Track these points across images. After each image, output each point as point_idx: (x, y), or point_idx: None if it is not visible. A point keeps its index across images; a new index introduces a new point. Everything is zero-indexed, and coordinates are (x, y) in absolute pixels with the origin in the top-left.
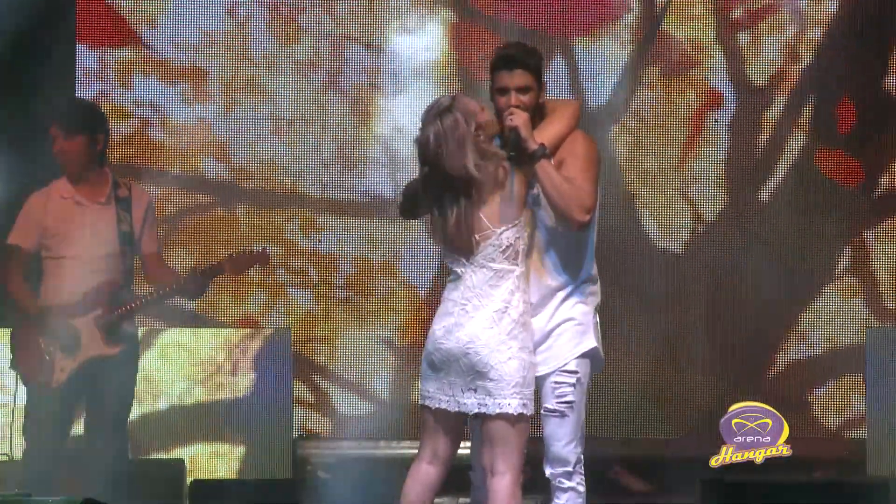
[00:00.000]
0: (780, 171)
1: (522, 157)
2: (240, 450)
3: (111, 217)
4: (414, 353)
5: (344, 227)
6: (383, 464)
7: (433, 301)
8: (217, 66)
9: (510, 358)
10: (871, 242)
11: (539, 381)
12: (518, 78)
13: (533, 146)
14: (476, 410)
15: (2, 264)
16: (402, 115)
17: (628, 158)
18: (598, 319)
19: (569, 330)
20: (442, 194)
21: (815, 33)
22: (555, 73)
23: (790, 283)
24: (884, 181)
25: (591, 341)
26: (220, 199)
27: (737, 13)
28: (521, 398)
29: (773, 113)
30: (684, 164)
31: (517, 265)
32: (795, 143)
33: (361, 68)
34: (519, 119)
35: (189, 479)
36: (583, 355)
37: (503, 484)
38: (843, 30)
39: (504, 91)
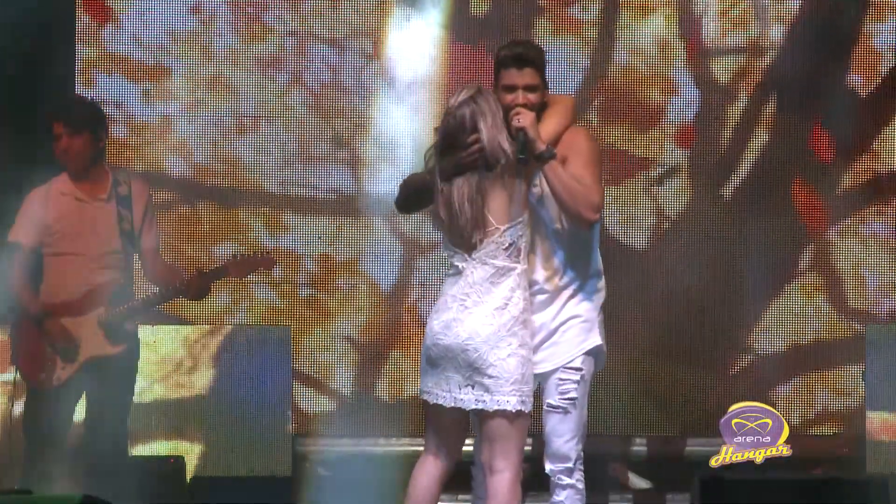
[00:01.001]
0: (744, 168)
1: (530, 157)
2: (239, 447)
3: (112, 215)
4: (377, 350)
5: (307, 224)
6: (382, 461)
7: (396, 298)
8: (181, 64)
9: (509, 355)
10: (834, 240)
11: (543, 378)
12: (528, 76)
13: (541, 147)
14: (474, 406)
15: (3, 261)
16: (364, 114)
17: None
18: (602, 317)
19: (574, 327)
20: (452, 186)
21: (779, 31)
22: None
23: (753, 281)
24: (846, 178)
25: (596, 338)
26: (183, 196)
27: (700, 10)
28: (519, 395)
29: (737, 110)
30: (648, 162)
31: (519, 263)
32: (759, 141)
33: (325, 66)
34: (526, 120)
35: (189, 477)
36: (587, 352)
37: (503, 481)
38: (806, 27)
39: (512, 89)
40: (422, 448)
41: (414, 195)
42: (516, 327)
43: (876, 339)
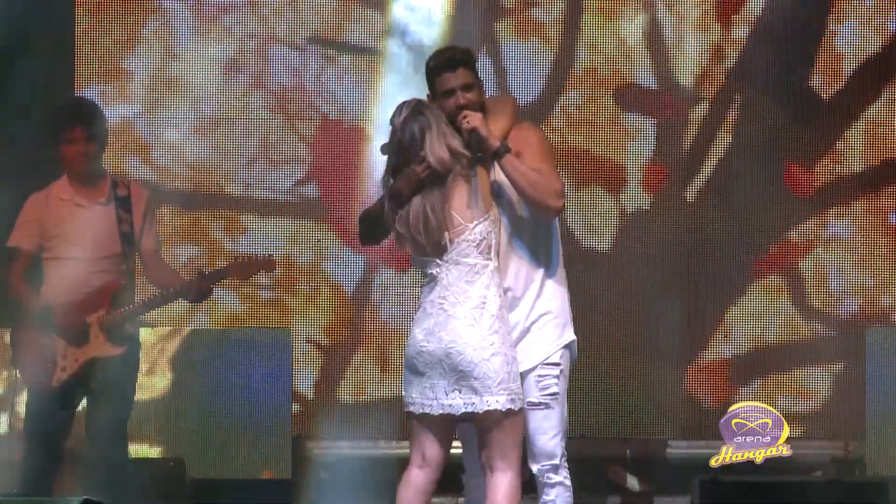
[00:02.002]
0: (706, 169)
1: (486, 156)
2: (239, 450)
3: (111, 217)
4: (340, 353)
5: (268, 226)
6: (382, 464)
7: (359, 300)
8: (141, 66)
9: (493, 354)
10: (796, 241)
11: (521, 376)
12: (462, 77)
13: (496, 144)
14: (463, 410)
15: (3, 266)
16: (326, 114)
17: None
18: (571, 311)
19: (549, 323)
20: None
21: (741, 32)
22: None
23: (715, 282)
24: (808, 179)
25: (570, 333)
26: None
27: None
28: (508, 394)
29: (699, 112)
30: (610, 163)
31: (491, 259)
32: (721, 142)
33: (286, 68)
34: (476, 120)
35: (188, 479)
36: (564, 346)
37: (503, 479)
38: (769, 29)
39: (450, 93)
40: None
41: (375, 224)
42: (496, 325)
43: (876, 342)
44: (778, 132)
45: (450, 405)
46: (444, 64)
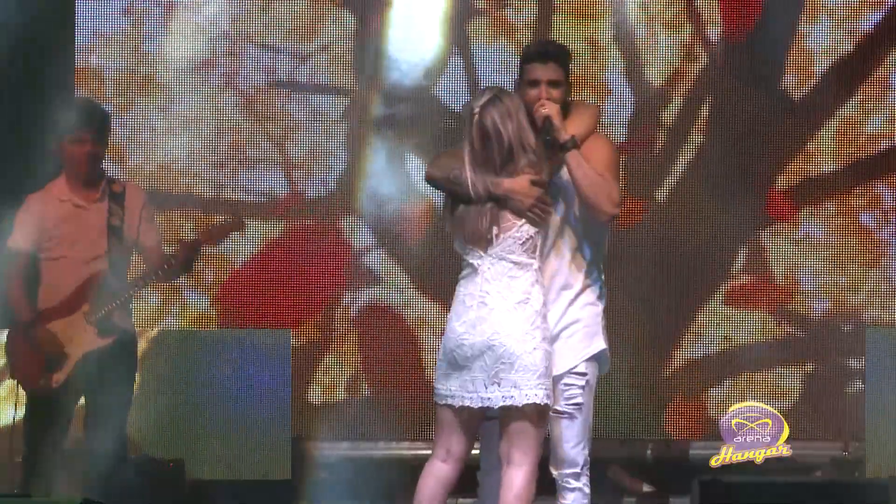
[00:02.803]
0: (677, 170)
1: (554, 147)
2: (238, 450)
3: (104, 214)
4: (311, 353)
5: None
6: (382, 464)
7: (330, 301)
8: (112, 66)
9: (535, 348)
10: (766, 242)
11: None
12: (551, 71)
13: (565, 136)
14: (502, 403)
15: (2, 268)
16: (297, 115)
17: None
18: (605, 321)
19: (579, 332)
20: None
21: (712, 33)
22: (451, 73)
23: (686, 282)
24: (780, 180)
25: (600, 343)
26: None
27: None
28: (545, 389)
29: (671, 113)
30: None
31: (535, 258)
32: (692, 143)
33: (257, 68)
34: (552, 109)
35: (188, 480)
36: (592, 357)
37: (520, 474)
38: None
39: (535, 83)
40: (421, 451)
41: (445, 187)
42: (539, 321)
43: (876, 342)
44: (749, 133)
45: (488, 398)
46: (536, 54)
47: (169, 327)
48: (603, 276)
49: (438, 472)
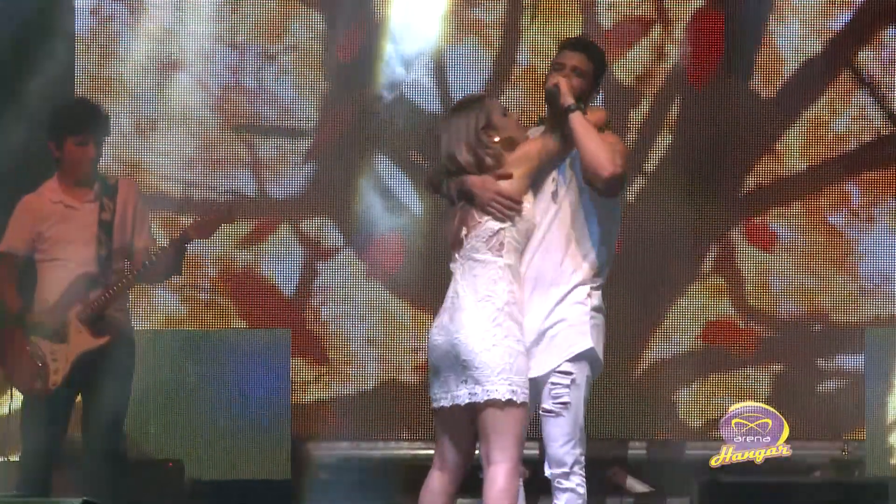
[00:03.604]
0: (647, 170)
1: (559, 113)
2: (238, 450)
3: (96, 212)
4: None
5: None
6: (381, 465)
7: (296, 302)
8: (79, 65)
9: (494, 345)
10: (736, 241)
11: (537, 383)
12: (577, 59)
13: (570, 100)
14: (467, 400)
15: None
16: (266, 115)
17: None
18: (600, 320)
19: (563, 331)
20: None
21: (682, 32)
22: (422, 74)
23: (657, 282)
24: (749, 180)
25: (586, 342)
26: None
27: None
28: (508, 384)
29: (640, 113)
30: None
31: (501, 256)
32: (662, 143)
33: (225, 67)
34: (562, 81)
35: (187, 480)
36: (578, 357)
37: (499, 472)
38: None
39: (560, 67)
40: (420, 451)
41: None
42: (500, 318)
43: (875, 342)
44: (718, 133)
45: (457, 395)
46: (571, 42)
47: (169, 326)
48: (603, 277)
49: (432, 483)
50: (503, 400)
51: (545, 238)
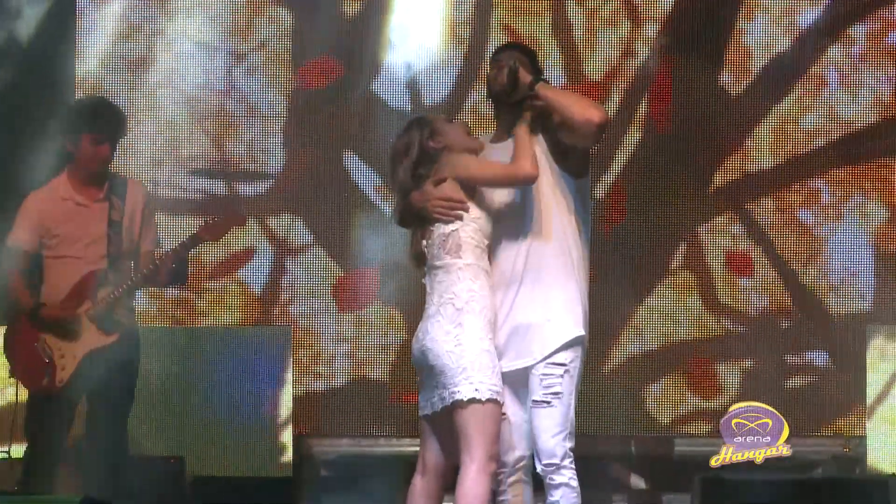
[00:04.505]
0: (616, 166)
1: (523, 91)
2: (240, 447)
3: (106, 210)
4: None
5: (176, 226)
6: (383, 462)
7: (266, 299)
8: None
9: (456, 345)
10: (705, 237)
11: (525, 374)
12: (514, 56)
13: (527, 77)
14: (441, 405)
15: (3, 265)
16: (234, 113)
17: None
18: (587, 308)
19: (554, 319)
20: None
21: (651, 30)
22: (391, 72)
23: (626, 279)
24: (718, 177)
25: (577, 329)
26: None
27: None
28: (469, 382)
29: (610, 108)
30: None
31: (460, 257)
32: (630, 139)
33: (194, 66)
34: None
35: (189, 477)
36: (570, 345)
37: (465, 474)
38: (679, 26)
39: (498, 63)
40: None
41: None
42: (461, 317)
43: (876, 340)
44: (687, 129)
45: (433, 402)
46: (508, 45)
47: (169, 325)
48: (585, 261)
49: (414, 488)
50: (465, 400)
51: (530, 229)
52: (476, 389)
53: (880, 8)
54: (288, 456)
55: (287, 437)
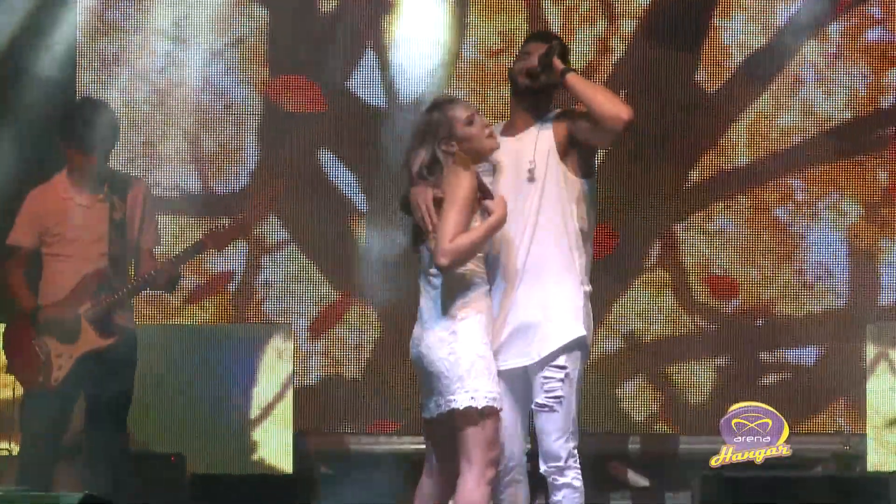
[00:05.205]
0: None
1: (555, 77)
2: (240, 445)
3: (107, 210)
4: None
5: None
6: (384, 459)
7: (242, 297)
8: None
9: (451, 353)
10: (680, 236)
11: (528, 376)
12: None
13: (561, 65)
14: (438, 412)
15: (2, 263)
16: (209, 110)
17: None
18: (589, 308)
19: (556, 319)
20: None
21: (628, 26)
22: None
23: (601, 276)
24: (693, 174)
25: (578, 330)
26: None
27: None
28: (465, 391)
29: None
30: None
31: None
32: None
33: (169, 63)
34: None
35: (189, 474)
36: (572, 346)
37: (462, 482)
38: (656, 23)
39: (527, 55)
40: (423, 446)
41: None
42: (456, 325)
43: (876, 337)
44: (664, 126)
45: (430, 408)
46: (540, 34)
47: (170, 322)
48: (587, 261)
49: (423, 487)
50: (461, 409)
51: (535, 230)
52: (472, 398)
53: (857, 6)
54: (288, 454)
55: (287, 434)
